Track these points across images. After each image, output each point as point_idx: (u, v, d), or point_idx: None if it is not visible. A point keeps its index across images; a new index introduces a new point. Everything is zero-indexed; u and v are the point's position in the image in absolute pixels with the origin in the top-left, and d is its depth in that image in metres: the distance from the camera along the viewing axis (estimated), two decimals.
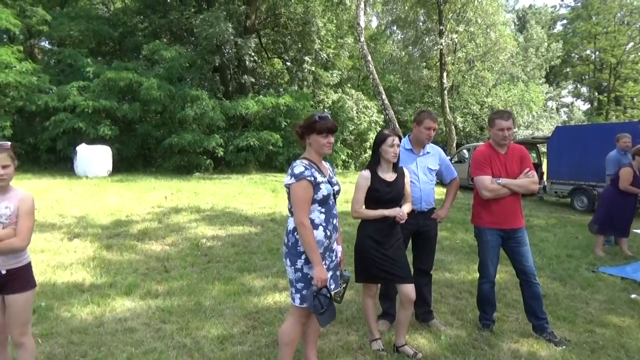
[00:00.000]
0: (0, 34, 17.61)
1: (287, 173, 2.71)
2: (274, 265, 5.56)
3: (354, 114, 20.96)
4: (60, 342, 3.54)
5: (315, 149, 2.77)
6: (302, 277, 2.68)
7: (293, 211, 2.67)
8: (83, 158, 14.06)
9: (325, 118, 2.77)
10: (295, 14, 21.50)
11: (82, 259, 5.59)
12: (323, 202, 2.73)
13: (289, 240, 2.72)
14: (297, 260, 2.68)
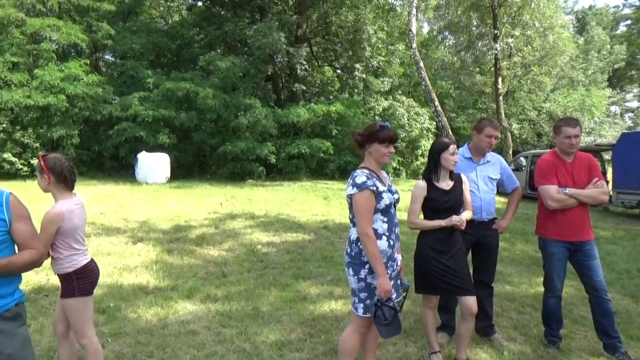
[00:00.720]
0: (70, 48, 18.77)
1: (349, 183, 2.72)
2: (329, 273, 5.58)
3: (405, 121, 20.74)
4: (128, 341, 3.71)
5: (375, 158, 2.77)
6: (365, 287, 2.68)
7: (356, 221, 2.67)
8: (143, 165, 14.72)
9: (386, 127, 2.77)
10: (346, 22, 21.62)
11: (146, 262, 5.84)
12: (385, 211, 2.72)
13: (352, 250, 2.73)
14: (361, 270, 2.68)
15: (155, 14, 25.68)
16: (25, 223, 2.05)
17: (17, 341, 2.02)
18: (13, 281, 2.05)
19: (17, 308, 2.06)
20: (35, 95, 15.16)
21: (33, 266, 2.10)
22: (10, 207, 2.01)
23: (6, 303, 2.00)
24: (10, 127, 15.40)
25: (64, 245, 2.78)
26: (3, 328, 1.98)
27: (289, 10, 22.01)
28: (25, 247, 2.05)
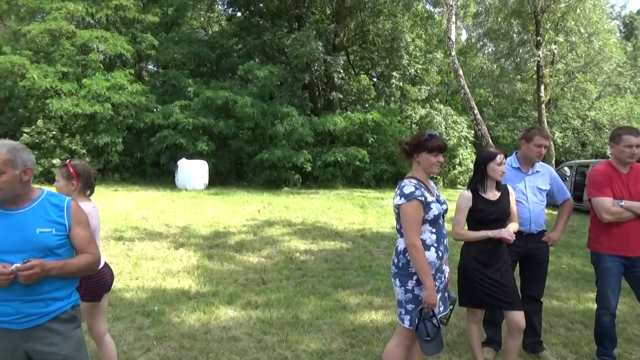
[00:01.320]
0: (116, 58, 19.48)
1: (396, 193, 2.70)
2: (368, 282, 5.54)
3: (442, 130, 20.44)
4: (173, 345, 3.77)
5: (424, 168, 2.74)
6: (412, 298, 2.64)
7: (403, 232, 2.64)
8: (183, 172, 15.07)
9: (435, 136, 2.73)
10: (384, 31, 21.60)
11: (188, 267, 5.95)
12: (434, 222, 2.68)
13: (400, 260, 2.69)
14: (408, 281, 2.64)
15: (196, 25, 26.37)
16: (83, 228, 2.12)
17: (72, 343, 2.09)
18: (70, 284, 2.12)
19: (73, 310, 2.12)
20: (83, 103, 15.81)
21: (88, 270, 2.16)
22: (70, 213, 2.08)
23: (63, 305, 2.06)
24: (59, 134, 16.10)
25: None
26: (59, 330, 2.05)
27: (326, 19, 22.18)
28: (82, 251, 2.11)
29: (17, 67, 15.80)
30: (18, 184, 2.00)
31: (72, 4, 17.26)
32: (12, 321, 1.97)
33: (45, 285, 1.98)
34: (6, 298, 1.96)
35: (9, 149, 1.98)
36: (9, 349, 2.00)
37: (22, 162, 2.00)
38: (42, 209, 2.04)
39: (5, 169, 1.94)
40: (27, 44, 17.01)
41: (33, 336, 2.01)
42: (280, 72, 18.28)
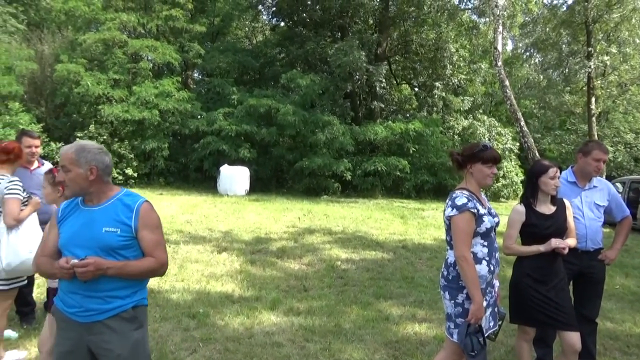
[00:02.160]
0: (164, 67, 20.16)
1: (447, 204, 2.66)
2: (410, 294, 5.46)
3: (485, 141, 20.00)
4: (218, 348, 3.83)
5: (477, 179, 2.69)
6: (462, 312, 2.58)
7: (454, 244, 2.59)
8: (225, 177, 15.37)
9: (489, 147, 2.69)
10: (427, 40, 21.42)
11: (231, 272, 6.05)
12: (485, 235, 2.63)
13: (449, 273, 2.65)
14: (459, 294, 2.59)
15: (241, 35, 26.97)
16: (151, 232, 2.16)
17: (128, 343, 2.12)
18: (132, 284, 2.15)
19: (135, 311, 2.16)
20: (132, 110, 16.42)
21: (152, 274, 2.21)
22: (139, 215, 2.14)
23: (124, 304, 2.12)
24: (109, 139, 16.76)
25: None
26: (118, 328, 2.11)
27: (368, 29, 22.21)
28: (148, 254, 2.16)
29: (73, 75, 16.60)
30: (84, 182, 2.11)
31: (125, 14, 18.03)
32: (76, 313, 2.07)
33: (104, 284, 2.05)
34: (71, 290, 2.07)
35: (75, 149, 2.12)
36: (74, 338, 2.09)
37: (86, 161, 2.11)
38: (113, 209, 2.13)
39: (71, 167, 2.09)
40: (82, 53, 17.84)
41: (94, 331, 2.08)
42: (322, 81, 18.40)
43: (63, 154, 2.13)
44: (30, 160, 4.23)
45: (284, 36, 22.54)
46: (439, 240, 8.67)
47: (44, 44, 19.31)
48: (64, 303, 2.12)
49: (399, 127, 17.42)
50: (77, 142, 2.20)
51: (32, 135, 4.27)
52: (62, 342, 2.13)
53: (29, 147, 4.20)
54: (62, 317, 2.12)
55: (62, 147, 2.22)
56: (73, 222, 2.13)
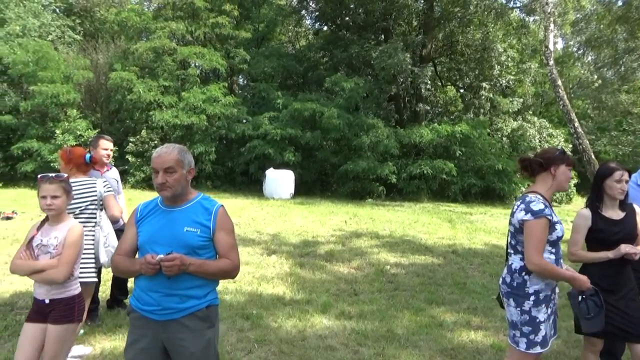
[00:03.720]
0: (210, 72, 20.65)
1: (519, 208, 2.56)
2: (463, 300, 5.34)
3: (536, 143, 19.32)
4: (273, 350, 3.87)
5: (559, 182, 2.61)
6: (529, 320, 2.49)
7: (527, 251, 2.49)
8: (271, 181, 15.55)
9: (565, 152, 2.65)
10: (474, 41, 20.93)
11: (281, 274, 6.10)
12: (554, 243, 2.53)
13: (514, 280, 2.56)
14: (525, 301, 2.50)
15: (285, 40, 27.28)
16: (226, 234, 2.25)
17: (202, 342, 2.19)
18: (207, 284, 2.24)
19: (208, 310, 2.23)
20: (181, 115, 16.90)
21: (226, 275, 2.28)
22: (217, 218, 2.23)
23: (199, 303, 2.19)
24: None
25: (78, 264, 2.86)
26: (192, 326, 2.17)
27: (412, 31, 21.96)
28: (223, 256, 2.25)
29: (126, 82, 17.26)
30: (185, 182, 2.23)
31: (174, 23, 18.61)
32: (153, 311, 2.14)
33: (183, 282, 2.12)
34: (149, 288, 2.14)
35: (179, 151, 2.22)
36: (150, 336, 2.17)
37: (187, 162, 2.23)
38: (194, 210, 2.21)
39: (177, 168, 2.18)
40: (134, 61, 18.54)
41: (169, 329, 2.15)
42: (366, 84, 18.32)
43: (165, 155, 2.19)
44: (105, 162, 4.50)
45: (327, 40, 22.61)
46: (489, 245, 8.43)
47: (98, 54, 20.21)
48: (140, 302, 2.19)
49: (445, 130, 17.07)
50: (173, 144, 2.28)
51: (109, 139, 4.54)
52: (138, 339, 2.20)
53: (105, 149, 4.48)
54: (138, 315, 2.20)
55: (159, 150, 2.24)
56: (154, 221, 2.22)
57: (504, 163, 16.82)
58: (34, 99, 16.51)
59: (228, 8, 19.40)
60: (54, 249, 2.72)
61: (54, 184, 2.72)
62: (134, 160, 17.03)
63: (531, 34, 21.55)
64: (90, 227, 3.67)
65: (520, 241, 2.53)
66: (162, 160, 2.17)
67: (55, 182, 2.73)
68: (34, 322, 2.70)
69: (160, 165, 2.17)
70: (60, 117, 16.96)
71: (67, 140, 15.92)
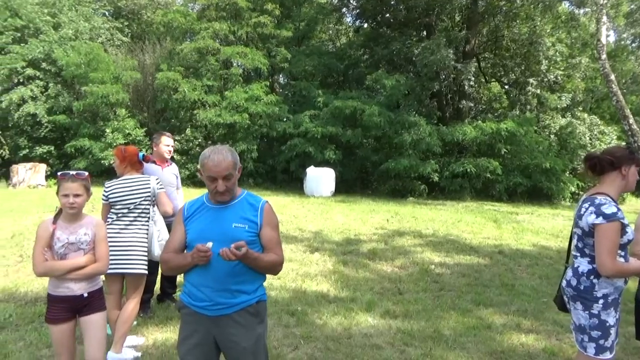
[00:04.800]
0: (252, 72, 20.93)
1: (590, 211, 2.43)
2: (512, 302, 5.19)
3: (586, 141, 18.54)
4: (319, 346, 3.88)
5: (628, 183, 2.50)
6: (599, 324, 2.39)
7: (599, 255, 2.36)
8: (311, 179, 15.61)
9: (635, 151, 2.52)
10: (520, 35, 20.28)
11: (324, 272, 6.11)
12: (624, 246, 2.42)
13: (581, 283, 2.46)
14: (593, 305, 2.40)
15: (325, 38, 27.30)
16: (272, 230, 2.28)
17: (253, 337, 2.22)
18: (256, 279, 2.28)
19: (258, 305, 2.27)
20: (224, 114, 17.22)
21: (273, 269, 2.29)
22: (263, 213, 2.26)
23: (249, 299, 2.22)
24: (204, 142, 17.71)
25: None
26: (244, 322, 2.20)
27: (455, 26, 21.50)
28: (269, 250, 2.27)
29: (171, 82, 17.74)
30: (236, 183, 2.26)
31: (217, 23, 18.97)
32: (205, 307, 2.18)
33: (233, 277, 2.16)
34: (201, 284, 2.18)
35: (232, 155, 2.24)
36: (202, 331, 2.21)
37: (238, 163, 2.27)
38: (241, 207, 2.25)
39: (233, 173, 2.21)
40: (179, 61, 19.02)
41: (221, 324, 2.19)
42: (408, 81, 18.09)
43: (223, 162, 2.17)
44: (166, 158, 4.67)
45: (368, 37, 22.46)
46: (538, 246, 8.16)
47: (145, 55, 20.86)
48: (191, 297, 2.23)
49: (489, 127, 16.62)
50: (222, 148, 2.26)
51: (170, 136, 4.72)
52: (191, 335, 2.25)
53: (167, 145, 4.66)
54: (190, 311, 2.25)
55: (213, 157, 2.19)
56: (202, 219, 2.26)
57: (552, 162, 16.22)
58: (86, 99, 17.25)
59: (270, 7, 19.59)
60: (87, 245, 2.79)
61: (76, 182, 2.74)
62: (178, 158, 17.50)
63: (581, 27, 20.68)
64: (143, 221, 3.81)
65: (589, 244, 2.43)
66: (221, 168, 2.17)
67: (77, 180, 2.75)
68: (67, 321, 2.77)
69: (218, 173, 2.17)
70: (109, 116, 17.64)
71: (116, 138, 16.55)
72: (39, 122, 18.36)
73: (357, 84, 21.17)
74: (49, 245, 2.70)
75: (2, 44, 18.80)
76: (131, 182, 3.81)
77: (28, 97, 18.21)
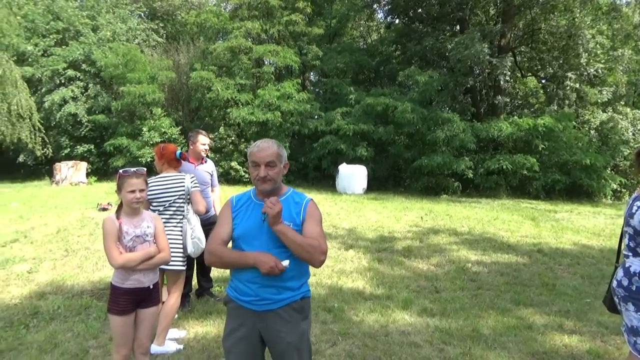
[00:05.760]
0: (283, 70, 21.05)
1: None
2: (553, 302, 5.06)
3: (629, 136, 17.86)
4: (357, 343, 3.89)
5: None
6: None
7: None
8: (344, 176, 15.59)
9: None
10: (558, 28, 19.65)
11: (359, 269, 6.11)
12: None
13: (633, 283, 2.38)
14: None
15: (356, 35, 27.19)
16: (314, 223, 2.28)
17: (298, 332, 2.25)
18: (302, 276, 2.30)
19: (302, 302, 2.29)
20: (257, 112, 17.39)
21: (310, 253, 2.17)
22: (306, 210, 2.27)
23: (294, 295, 2.25)
24: (236, 140, 17.95)
25: None
26: (288, 318, 2.23)
27: (490, 20, 21.03)
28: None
29: (205, 81, 18.02)
30: (280, 177, 2.29)
31: (249, 22, 19.16)
32: (251, 302, 2.22)
33: (280, 274, 2.17)
34: (248, 280, 2.22)
35: (278, 145, 2.30)
36: (248, 325, 2.25)
37: (284, 157, 2.31)
38: (286, 204, 2.27)
39: (277, 162, 2.25)
40: (212, 61, 19.30)
41: (266, 319, 2.22)
42: (441, 77, 17.83)
43: (267, 149, 2.26)
44: (202, 156, 4.77)
45: (399, 33, 22.26)
46: (579, 245, 7.92)
47: (179, 55, 21.27)
48: (238, 292, 2.27)
49: (526, 123, 16.18)
50: (270, 139, 2.34)
51: (206, 134, 4.81)
52: (236, 328, 2.29)
53: (203, 144, 4.76)
54: (236, 305, 2.29)
55: (260, 144, 2.30)
56: (248, 214, 2.29)
57: (592, 158, 15.68)
58: (124, 99, 17.73)
59: (301, 5, 19.64)
60: (151, 237, 2.93)
61: (139, 178, 2.87)
62: (212, 156, 17.77)
63: (624, 18, 19.85)
64: (178, 219, 3.89)
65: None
66: (264, 154, 2.23)
67: (140, 176, 2.89)
68: (132, 313, 2.88)
69: (262, 159, 2.23)
70: (146, 115, 18.09)
71: (152, 137, 16.97)
72: (79, 121, 19.00)
73: (389, 80, 21.00)
74: (118, 239, 2.83)
75: (45, 46, 19.53)
76: (167, 180, 3.92)
77: (69, 97, 18.87)
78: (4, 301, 4.83)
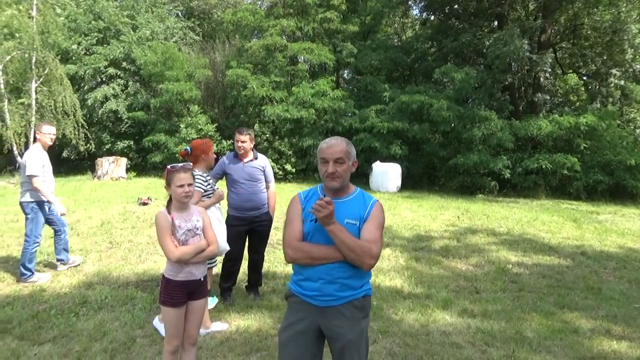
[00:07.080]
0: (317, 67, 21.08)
1: None
2: (599, 306, 4.91)
3: None
4: (397, 342, 3.88)
5: None
6: None
7: None
8: (378, 174, 15.51)
9: None
10: (602, 23, 18.94)
11: (397, 267, 6.08)
12: None
13: None
14: None
15: (391, 32, 26.97)
16: (373, 226, 2.27)
17: (357, 330, 2.27)
18: (365, 275, 2.32)
19: (364, 300, 2.32)
20: (291, 109, 17.49)
21: (359, 255, 2.18)
22: (371, 211, 2.29)
23: (355, 293, 2.27)
24: (271, 137, 18.12)
25: None
26: (349, 315, 2.25)
27: (529, 16, 20.46)
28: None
29: (241, 79, 18.24)
30: (348, 174, 2.31)
31: (285, 20, 19.27)
32: (314, 297, 2.25)
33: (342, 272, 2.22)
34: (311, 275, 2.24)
35: (347, 143, 2.33)
36: (309, 320, 2.29)
37: (353, 155, 2.33)
38: (354, 204, 2.30)
39: (345, 159, 2.27)
40: (248, 58, 19.50)
41: (328, 315, 2.25)
42: (478, 74, 17.48)
43: (336, 145, 2.28)
44: (240, 153, 4.85)
45: (435, 30, 21.92)
46: (625, 248, 7.64)
47: (216, 53, 21.61)
48: (300, 287, 2.31)
49: (567, 121, 15.67)
50: (340, 137, 2.36)
51: (240, 132, 4.89)
52: (296, 322, 2.32)
53: (237, 142, 4.84)
54: (298, 299, 2.32)
55: (329, 141, 2.33)
56: None
57: (638, 158, 15.06)
58: (162, 96, 18.16)
59: (336, 2, 19.61)
60: (200, 231, 2.99)
61: (187, 172, 2.93)
62: None
63: None
64: None
65: None
66: (333, 150, 2.26)
67: (188, 171, 2.94)
68: (184, 305, 2.95)
69: (331, 155, 2.25)
70: (183, 112, 18.48)
71: (189, 133, 17.31)
72: (119, 118, 19.57)
73: (424, 77, 20.74)
74: (172, 233, 2.90)
75: (87, 45, 20.18)
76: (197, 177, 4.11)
77: (110, 95, 19.44)
78: (55, 290, 5.05)
